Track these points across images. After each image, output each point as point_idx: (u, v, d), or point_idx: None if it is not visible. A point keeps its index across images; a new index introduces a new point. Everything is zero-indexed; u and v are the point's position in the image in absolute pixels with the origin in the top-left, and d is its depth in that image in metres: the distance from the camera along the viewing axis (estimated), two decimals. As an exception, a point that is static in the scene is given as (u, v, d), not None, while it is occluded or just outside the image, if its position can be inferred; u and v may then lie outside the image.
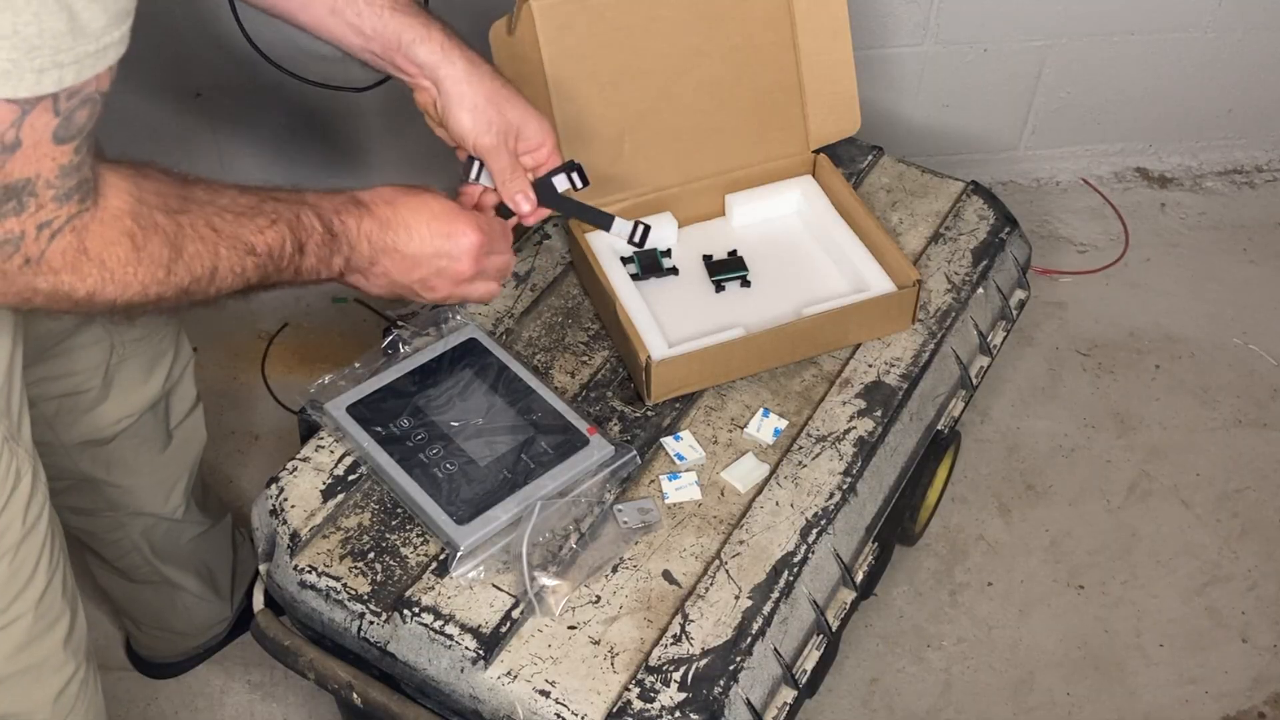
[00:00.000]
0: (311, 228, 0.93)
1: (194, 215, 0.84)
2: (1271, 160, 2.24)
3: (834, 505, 1.18)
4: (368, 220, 0.98)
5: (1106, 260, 2.07)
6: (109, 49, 0.71)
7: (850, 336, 1.31)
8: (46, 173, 0.72)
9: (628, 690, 1.03)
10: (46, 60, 0.68)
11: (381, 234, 0.99)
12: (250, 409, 1.84)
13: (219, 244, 0.85)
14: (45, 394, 1.18)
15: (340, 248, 0.96)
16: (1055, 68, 2.05)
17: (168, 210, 0.82)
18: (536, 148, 1.14)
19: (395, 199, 1.01)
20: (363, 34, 1.07)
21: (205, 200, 0.85)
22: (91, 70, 0.70)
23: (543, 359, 1.29)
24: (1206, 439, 1.80)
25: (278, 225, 0.90)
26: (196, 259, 0.84)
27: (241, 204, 0.88)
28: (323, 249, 0.94)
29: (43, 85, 0.68)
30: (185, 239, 0.83)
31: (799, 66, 1.40)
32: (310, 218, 0.93)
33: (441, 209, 1.03)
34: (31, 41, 0.66)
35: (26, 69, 0.67)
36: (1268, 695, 1.54)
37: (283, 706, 1.54)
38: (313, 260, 0.94)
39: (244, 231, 0.87)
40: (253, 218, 0.88)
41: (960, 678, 1.55)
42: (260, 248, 0.88)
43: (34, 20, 0.66)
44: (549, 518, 1.11)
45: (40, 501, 0.95)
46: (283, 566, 1.13)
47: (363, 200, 0.99)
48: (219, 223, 0.85)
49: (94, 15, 0.69)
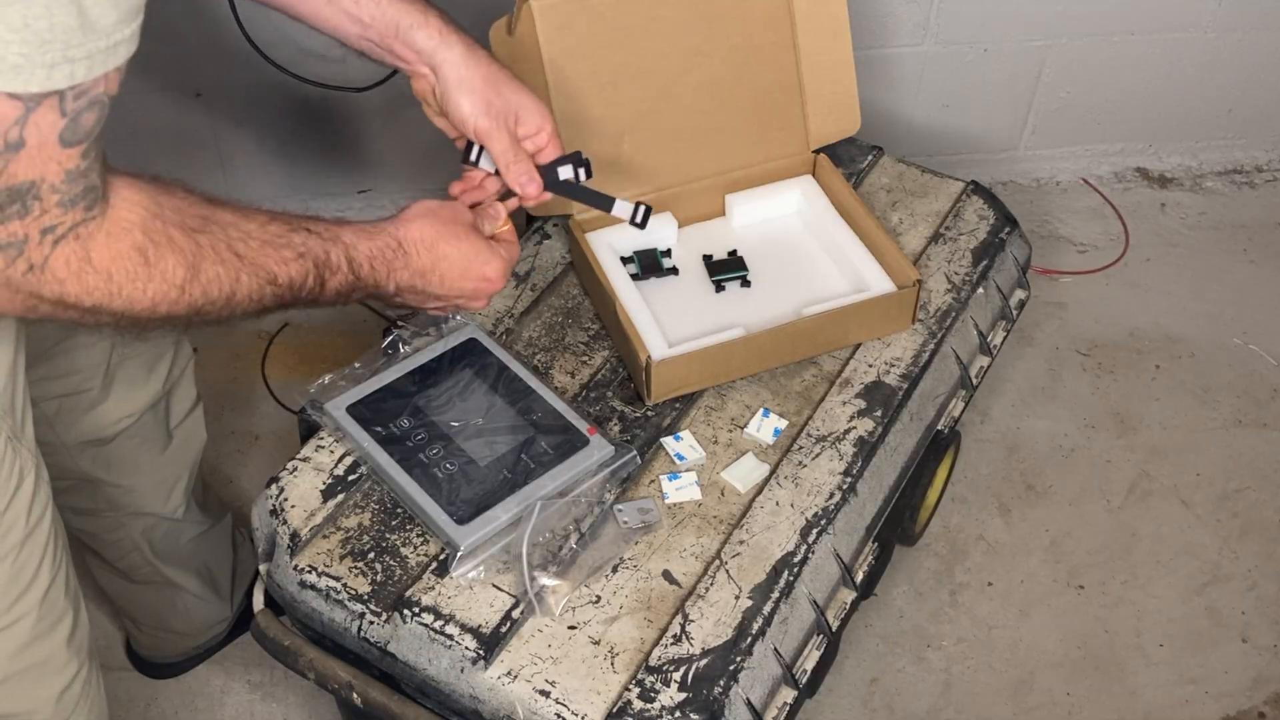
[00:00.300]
0: (338, 267, 0.93)
1: (215, 237, 0.83)
2: (1271, 160, 2.24)
3: (834, 505, 1.18)
4: (403, 270, 0.99)
5: (1106, 260, 2.07)
6: (120, 46, 0.71)
7: (850, 336, 1.31)
8: (52, 177, 0.71)
9: (628, 690, 1.03)
10: (57, 55, 0.67)
11: (412, 280, 1.01)
12: (250, 409, 1.84)
13: (240, 270, 0.85)
14: (46, 393, 1.18)
15: (363, 286, 0.97)
16: (1055, 68, 2.05)
17: (186, 229, 0.81)
18: (535, 132, 1.13)
19: (436, 245, 1.02)
20: (360, 22, 1.07)
21: (230, 223, 0.85)
22: (102, 67, 0.70)
23: (543, 359, 1.29)
24: (1206, 439, 1.80)
25: (304, 260, 0.90)
26: (215, 282, 0.83)
27: (270, 232, 0.88)
28: (344, 286, 0.95)
29: (53, 80, 0.68)
30: (204, 260, 0.82)
31: (799, 66, 1.40)
32: (339, 258, 0.93)
33: (478, 259, 1.04)
34: (42, 36, 0.66)
35: (38, 64, 0.67)
36: (1268, 695, 1.54)
37: (283, 706, 1.54)
38: (331, 294, 0.94)
39: (268, 261, 0.87)
40: (279, 248, 0.88)
41: (960, 678, 1.55)
42: (282, 279, 0.88)
43: (45, 14, 0.66)
44: (549, 518, 1.11)
45: (43, 501, 0.95)
46: (283, 566, 1.13)
47: (405, 246, 1.00)
48: (243, 248, 0.85)
49: (104, 11, 0.68)
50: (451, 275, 1.03)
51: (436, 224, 1.03)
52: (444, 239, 1.02)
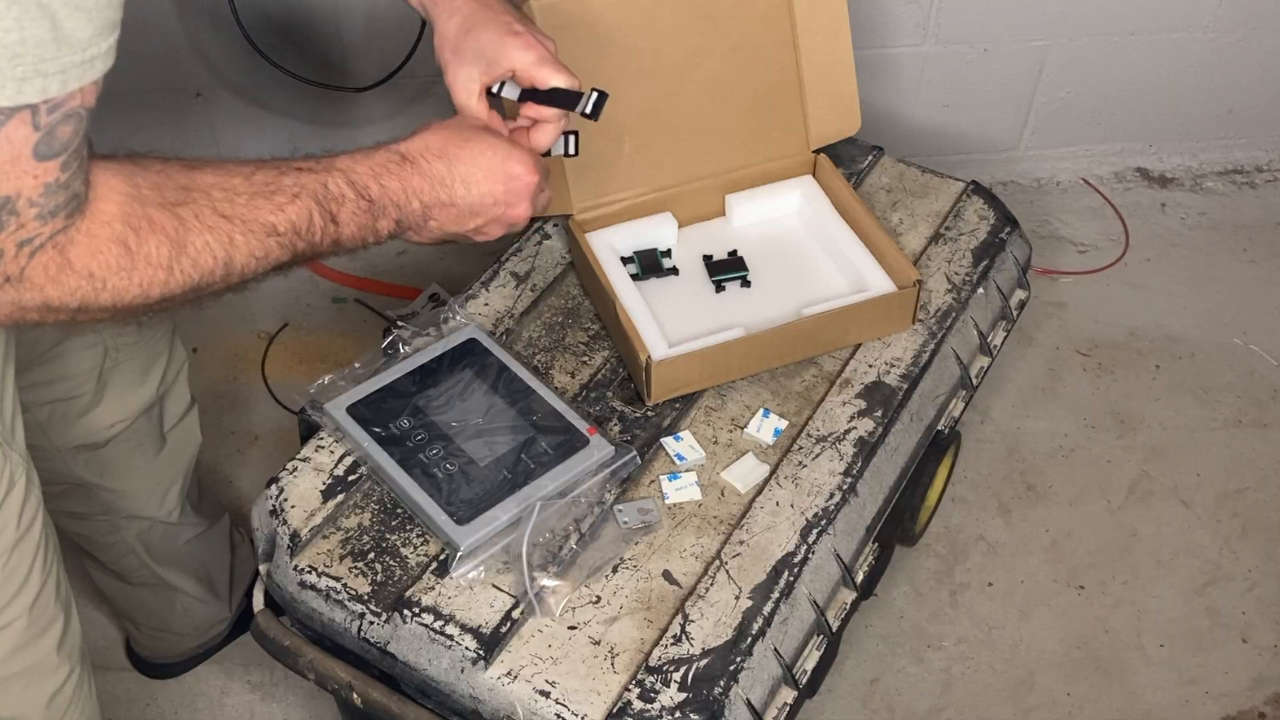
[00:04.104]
0: (343, 196, 0.88)
1: (198, 205, 0.79)
2: (1271, 160, 2.24)
3: (834, 505, 1.18)
4: (416, 178, 0.94)
5: (1107, 260, 2.07)
6: (96, 60, 0.69)
7: (850, 336, 1.31)
8: (28, 190, 0.69)
9: (628, 690, 1.03)
10: (29, 69, 0.66)
11: (434, 190, 0.95)
12: (250, 409, 1.84)
13: (232, 231, 0.81)
14: (38, 399, 1.17)
15: (386, 211, 0.92)
16: (1055, 68, 2.05)
17: (165, 204, 0.78)
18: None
19: (447, 149, 0.96)
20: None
21: (212, 184, 0.81)
22: (77, 81, 0.68)
23: (543, 359, 1.29)
24: (1207, 439, 1.80)
25: (300, 199, 0.85)
26: (205, 252, 0.79)
27: (257, 182, 0.83)
28: (362, 216, 0.90)
29: (25, 94, 0.66)
30: (189, 232, 0.78)
31: (799, 66, 1.40)
32: (340, 185, 0.88)
33: (496, 155, 0.98)
34: (13, 49, 0.65)
35: (8, 77, 0.65)
36: (1268, 695, 1.53)
37: (283, 706, 1.54)
38: (352, 229, 0.89)
39: (260, 212, 0.83)
40: (270, 195, 0.83)
41: (960, 678, 1.55)
42: (283, 226, 0.84)
43: (15, 27, 0.64)
44: (549, 518, 1.11)
45: (34, 506, 0.94)
46: (283, 567, 1.13)
47: (409, 156, 0.94)
48: (229, 208, 0.81)
49: (78, 25, 0.67)
50: (475, 178, 0.97)
51: (443, 131, 0.98)
52: (453, 142, 0.97)
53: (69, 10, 0.66)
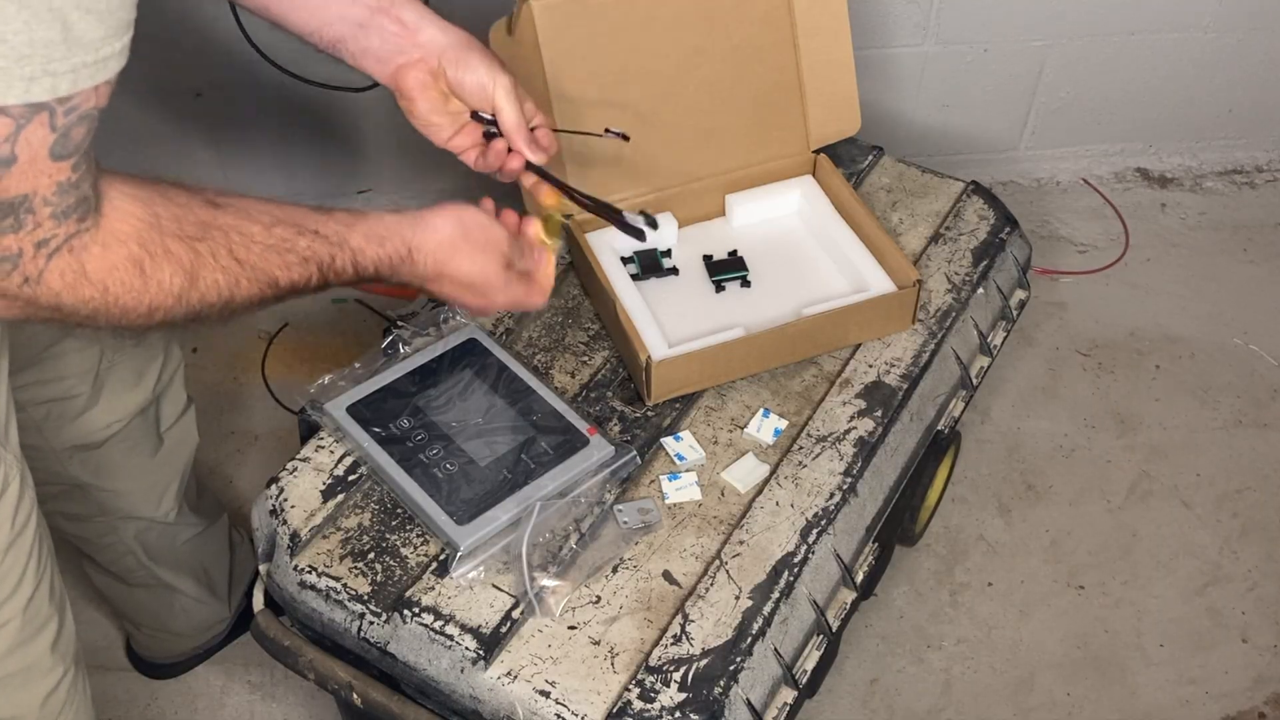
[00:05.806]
0: (342, 271, 0.91)
1: (215, 243, 0.82)
2: (1271, 160, 2.24)
3: (834, 505, 1.18)
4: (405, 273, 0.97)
5: (1107, 260, 2.07)
6: (108, 61, 0.70)
7: (850, 336, 1.31)
8: (44, 190, 0.71)
9: (628, 690, 1.03)
10: (37, 69, 0.67)
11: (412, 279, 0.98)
12: (250, 409, 1.84)
13: (240, 275, 0.84)
14: (34, 399, 1.17)
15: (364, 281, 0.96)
16: (1055, 68, 2.05)
17: (184, 238, 0.80)
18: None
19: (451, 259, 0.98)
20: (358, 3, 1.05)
21: (232, 227, 0.83)
22: (89, 81, 0.70)
23: (543, 359, 1.29)
24: (1207, 439, 1.80)
25: (307, 264, 0.88)
26: (212, 289, 0.82)
27: (275, 236, 0.86)
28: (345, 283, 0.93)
29: (33, 93, 0.68)
30: (203, 268, 0.81)
31: (799, 66, 1.40)
32: (345, 264, 0.91)
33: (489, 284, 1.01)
34: (20, 50, 0.66)
35: (16, 76, 0.67)
36: (1268, 695, 1.53)
37: (283, 706, 1.54)
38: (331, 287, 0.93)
39: (270, 266, 0.86)
40: (283, 253, 0.86)
41: (960, 678, 1.55)
42: (284, 283, 0.87)
43: (24, 29, 0.66)
44: (549, 518, 1.11)
45: (28, 506, 0.95)
46: (283, 567, 1.13)
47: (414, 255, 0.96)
48: (244, 253, 0.84)
49: (90, 26, 0.68)
50: (455, 290, 1.00)
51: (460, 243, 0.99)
52: (463, 256, 0.99)
53: (80, 12, 0.67)
